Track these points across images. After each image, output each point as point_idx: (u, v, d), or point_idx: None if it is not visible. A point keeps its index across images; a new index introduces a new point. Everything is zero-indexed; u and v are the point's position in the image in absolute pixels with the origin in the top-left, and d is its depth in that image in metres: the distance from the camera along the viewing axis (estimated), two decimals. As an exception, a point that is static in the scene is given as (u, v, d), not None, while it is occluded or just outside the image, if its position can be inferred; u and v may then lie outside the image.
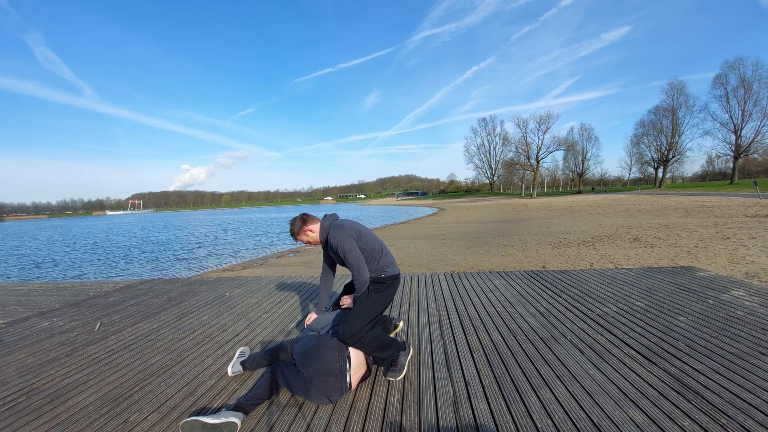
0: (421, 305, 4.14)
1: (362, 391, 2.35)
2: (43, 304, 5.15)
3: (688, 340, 2.86)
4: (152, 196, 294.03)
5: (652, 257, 7.99)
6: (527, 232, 14.87)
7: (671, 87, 55.26)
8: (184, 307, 4.56)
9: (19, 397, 2.49)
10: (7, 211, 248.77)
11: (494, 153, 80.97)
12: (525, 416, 1.98)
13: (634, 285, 4.54)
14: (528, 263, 8.35)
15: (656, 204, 24.89)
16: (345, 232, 2.46)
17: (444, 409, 2.10)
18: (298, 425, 2.01)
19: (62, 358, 3.16)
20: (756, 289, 4.10)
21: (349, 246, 2.41)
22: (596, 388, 2.22)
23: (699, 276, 4.86)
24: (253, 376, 2.63)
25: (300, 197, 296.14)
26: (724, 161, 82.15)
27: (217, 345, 3.28)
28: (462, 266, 8.54)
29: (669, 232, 11.52)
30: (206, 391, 2.44)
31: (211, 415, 2.00)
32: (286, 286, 5.46)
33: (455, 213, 35.30)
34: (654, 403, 2.04)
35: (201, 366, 2.85)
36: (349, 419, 2.05)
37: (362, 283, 2.43)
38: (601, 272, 5.33)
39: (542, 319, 3.52)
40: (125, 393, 2.48)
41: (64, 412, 2.28)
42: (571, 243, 10.91)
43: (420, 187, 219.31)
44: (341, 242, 2.42)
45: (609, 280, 4.85)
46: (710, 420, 1.88)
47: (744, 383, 2.20)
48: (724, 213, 16.20)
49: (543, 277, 5.17)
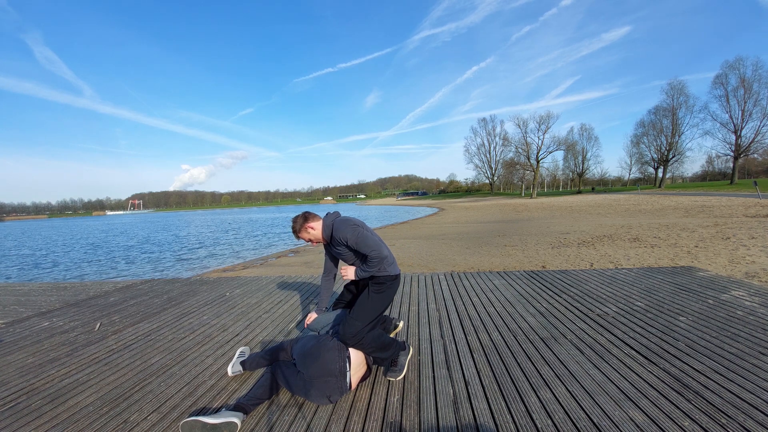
0: (421, 305, 4.14)
1: (362, 391, 2.35)
2: (43, 304, 5.15)
3: (688, 340, 2.86)
4: (152, 196, 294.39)
5: (652, 257, 7.99)
6: (527, 232, 14.87)
7: (671, 87, 55.33)
8: (184, 307, 4.56)
9: (19, 397, 2.49)
10: (7, 211, 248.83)
11: (494, 153, 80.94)
12: (525, 416, 1.98)
13: (634, 285, 4.54)
14: (528, 263, 8.36)
15: (656, 204, 24.88)
16: (351, 222, 2.48)
17: (444, 409, 2.10)
18: (298, 425, 2.02)
19: (62, 358, 3.16)
20: (756, 289, 4.10)
21: (359, 232, 2.41)
22: (596, 388, 2.22)
23: (699, 276, 4.86)
24: (253, 376, 2.63)
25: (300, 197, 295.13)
26: (724, 161, 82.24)
27: (217, 345, 3.28)
28: (462, 266, 8.54)
29: (669, 232, 11.52)
30: (206, 391, 2.44)
31: (211, 415, 2.00)
32: (286, 285, 5.46)
33: (455, 213, 35.28)
34: (654, 403, 2.04)
35: (201, 366, 2.85)
36: (349, 419, 2.05)
37: (380, 260, 2.43)
38: (601, 272, 5.34)
39: (542, 319, 3.52)
40: (125, 393, 2.48)
41: (64, 412, 2.28)
42: (571, 243, 10.91)
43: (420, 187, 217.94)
44: (350, 232, 2.41)
45: (609, 280, 4.85)
46: (710, 420, 1.88)
47: (744, 383, 2.20)
48: (724, 213, 16.20)
49: (543, 277, 5.18)
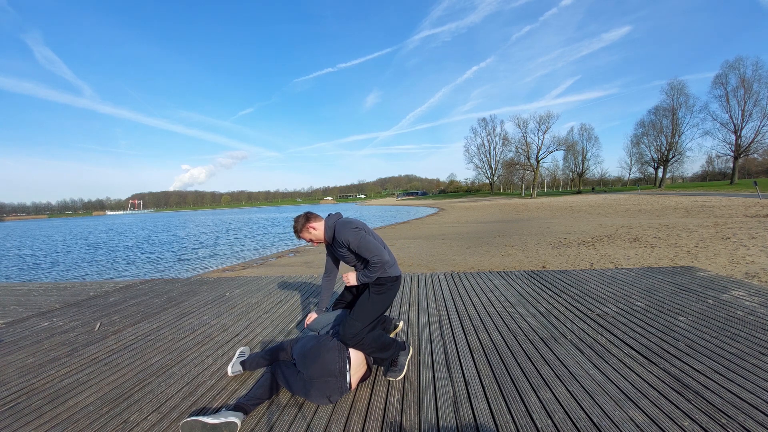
0: (421, 305, 4.14)
1: (362, 391, 2.35)
2: (43, 304, 5.15)
3: (688, 340, 2.86)
4: (152, 196, 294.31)
5: (652, 257, 7.99)
6: (527, 232, 14.87)
7: (671, 87, 55.27)
8: (184, 307, 4.56)
9: (19, 397, 2.50)
10: (7, 211, 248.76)
11: (494, 153, 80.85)
12: (525, 416, 1.98)
13: (634, 285, 4.54)
14: (528, 263, 8.35)
15: (656, 204, 24.89)
16: (353, 224, 2.48)
17: (444, 409, 2.10)
18: (298, 425, 2.02)
19: (62, 358, 3.16)
20: (756, 289, 4.10)
21: (361, 236, 2.41)
22: (596, 388, 2.22)
23: (699, 276, 4.86)
24: (253, 376, 2.63)
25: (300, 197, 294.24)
26: (724, 161, 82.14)
27: (217, 345, 3.28)
28: (462, 266, 8.54)
29: (669, 232, 11.52)
30: (206, 392, 2.44)
31: (211, 415, 2.00)
32: (286, 285, 5.46)
33: (455, 213, 35.27)
34: (654, 403, 2.04)
35: (201, 366, 2.85)
36: (349, 419, 2.05)
37: (381, 265, 2.43)
38: (601, 272, 5.33)
39: (542, 319, 3.52)
40: (125, 393, 2.48)
41: (64, 412, 2.28)
42: (571, 243, 10.91)
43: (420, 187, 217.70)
44: (353, 236, 2.41)
45: (609, 280, 4.85)
46: (710, 420, 1.88)
47: (744, 383, 2.20)
48: (724, 213, 16.20)
49: (543, 277, 5.18)
